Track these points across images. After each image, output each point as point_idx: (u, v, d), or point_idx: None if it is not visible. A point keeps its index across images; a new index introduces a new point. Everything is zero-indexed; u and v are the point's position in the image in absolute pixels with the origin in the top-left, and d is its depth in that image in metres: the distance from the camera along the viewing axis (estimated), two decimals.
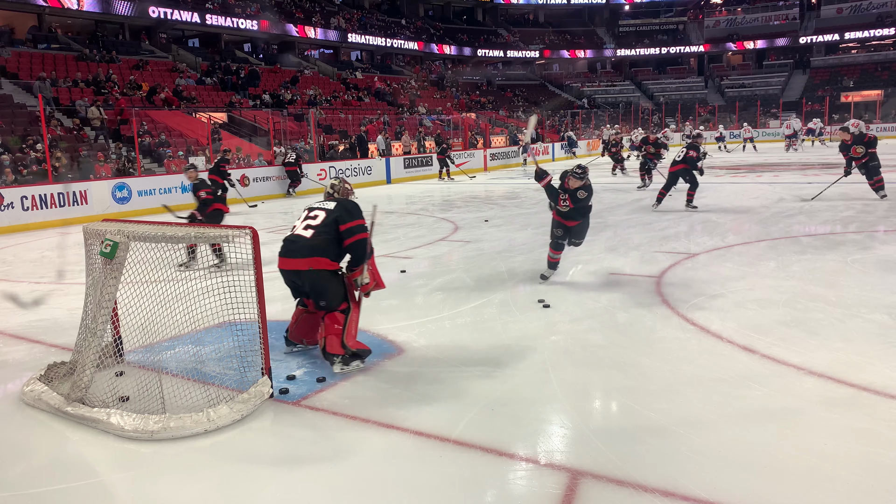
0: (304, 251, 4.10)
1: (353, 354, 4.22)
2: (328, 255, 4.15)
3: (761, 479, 2.82)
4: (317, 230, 4.16)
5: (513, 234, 9.67)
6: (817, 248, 7.63)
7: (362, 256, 4.18)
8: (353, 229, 4.17)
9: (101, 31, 27.86)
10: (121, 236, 3.89)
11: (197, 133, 20.08)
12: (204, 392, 3.80)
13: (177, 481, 3.05)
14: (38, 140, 15.61)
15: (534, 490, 2.83)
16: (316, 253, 4.12)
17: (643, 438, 3.23)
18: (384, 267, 7.62)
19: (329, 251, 4.16)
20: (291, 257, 4.13)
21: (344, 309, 4.22)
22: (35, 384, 4.00)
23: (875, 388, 3.69)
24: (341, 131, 24.62)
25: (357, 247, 4.18)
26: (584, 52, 52.40)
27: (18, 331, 5.52)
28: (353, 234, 4.17)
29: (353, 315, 4.27)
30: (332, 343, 4.17)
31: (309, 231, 4.18)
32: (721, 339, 4.63)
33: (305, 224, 4.24)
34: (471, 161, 24.63)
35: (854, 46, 48.05)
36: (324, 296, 4.17)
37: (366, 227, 4.24)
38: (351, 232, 4.17)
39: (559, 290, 6.15)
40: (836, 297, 5.50)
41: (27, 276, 7.91)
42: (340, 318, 4.19)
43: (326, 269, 4.16)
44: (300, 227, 4.25)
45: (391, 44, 40.83)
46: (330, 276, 4.20)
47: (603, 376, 4.09)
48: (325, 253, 4.14)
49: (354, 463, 3.14)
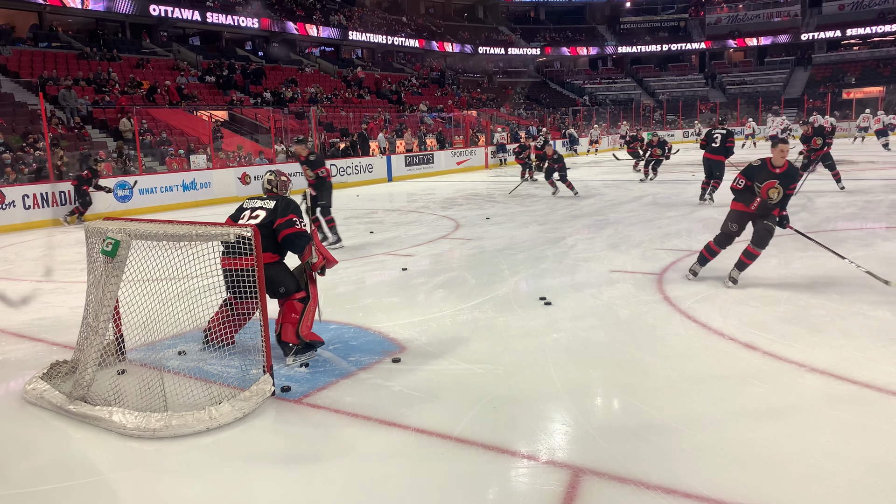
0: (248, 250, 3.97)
1: (306, 346, 4.39)
2: (270, 249, 4.31)
3: (763, 477, 2.82)
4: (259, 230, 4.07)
5: (514, 231, 9.66)
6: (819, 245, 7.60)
7: (301, 246, 4.35)
8: (278, 227, 4.34)
9: (101, 30, 27.85)
10: (122, 235, 3.89)
11: (198, 131, 20.08)
12: (206, 390, 3.81)
13: (179, 479, 3.05)
14: (38, 139, 15.61)
15: (536, 487, 2.83)
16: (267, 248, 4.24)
17: (645, 436, 3.22)
18: (385, 265, 7.64)
19: (270, 247, 4.32)
20: (237, 256, 4.09)
21: (302, 298, 4.36)
22: (37, 382, 4.00)
23: (877, 384, 3.69)
24: (342, 129, 24.62)
25: (287, 241, 4.36)
26: (585, 50, 52.35)
27: (20, 329, 5.53)
28: (280, 231, 4.34)
29: (310, 306, 4.40)
30: (288, 331, 4.32)
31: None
32: (723, 336, 4.62)
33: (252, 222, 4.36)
34: (472, 159, 24.64)
35: (856, 43, 47.95)
36: (280, 283, 4.31)
37: (293, 222, 4.38)
38: (277, 230, 4.34)
39: (560, 288, 6.15)
40: (838, 294, 5.49)
41: (29, 275, 7.91)
42: (298, 307, 4.34)
43: (271, 261, 4.32)
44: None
45: (392, 41, 40.81)
46: (277, 265, 4.38)
47: (604, 373, 4.09)
48: (268, 248, 4.26)
49: (356, 461, 3.14)
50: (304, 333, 4.35)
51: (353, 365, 4.32)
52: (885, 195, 11.42)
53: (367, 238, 9.63)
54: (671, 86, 50.22)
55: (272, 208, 4.44)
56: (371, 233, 10.12)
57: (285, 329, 4.32)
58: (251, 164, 17.84)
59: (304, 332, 4.35)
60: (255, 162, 18.55)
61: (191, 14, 29.66)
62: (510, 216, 11.36)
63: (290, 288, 4.34)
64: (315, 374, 4.19)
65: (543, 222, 10.45)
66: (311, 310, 4.40)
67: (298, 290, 4.36)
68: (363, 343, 4.78)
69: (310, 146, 7.73)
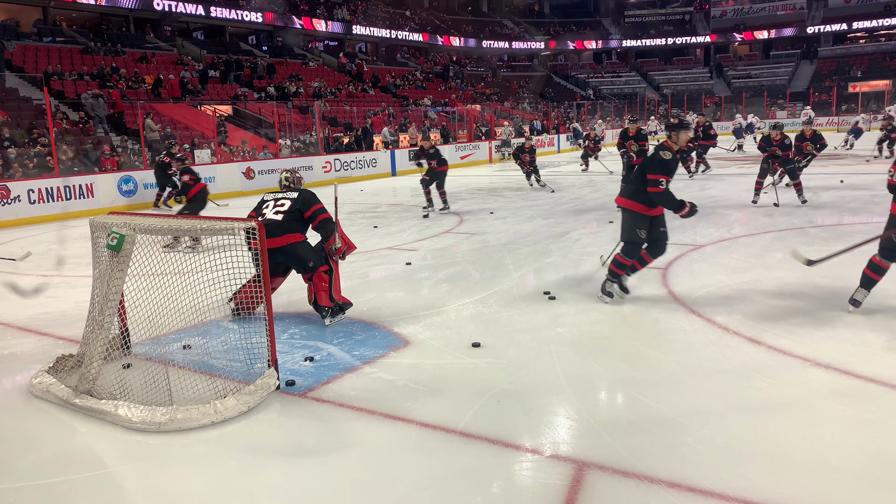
0: (279, 231, 4.97)
1: (339, 307, 5.19)
2: (297, 231, 5.15)
3: (767, 471, 2.82)
4: (286, 215, 5.10)
5: (518, 225, 9.65)
6: (824, 239, 7.60)
7: (330, 232, 5.16)
8: (314, 213, 5.17)
9: (105, 24, 27.85)
10: (127, 229, 3.89)
11: (202, 126, 20.09)
12: (211, 384, 3.82)
13: (184, 473, 3.06)
14: (42, 133, 15.64)
15: (540, 481, 2.84)
16: (290, 230, 5.07)
17: (649, 430, 3.23)
18: (389, 259, 7.64)
19: (297, 228, 5.14)
20: (270, 238, 4.70)
21: (326, 270, 5.08)
22: (43, 376, 4.02)
23: (881, 379, 3.68)
24: (346, 123, 24.59)
25: (322, 226, 5.16)
26: (589, 43, 52.15)
27: (27, 323, 5.55)
28: (316, 216, 5.17)
29: (335, 275, 5.17)
30: (322, 297, 5.07)
31: (280, 216, 5.10)
32: (727, 330, 4.62)
33: (275, 211, 5.14)
34: (476, 153, 24.59)
35: (862, 36, 47.64)
36: (308, 259, 5.06)
37: (324, 209, 5.22)
38: (314, 216, 5.17)
39: (564, 282, 6.15)
40: (843, 289, 5.47)
41: (34, 270, 7.94)
42: (325, 277, 5.08)
43: (299, 241, 5.12)
44: (271, 214, 5.12)
45: (396, 35, 40.71)
46: (304, 244, 5.15)
47: (609, 368, 4.09)
48: (295, 230, 5.13)
49: (361, 454, 3.15)
50: (336, 297, 5.16)
51: (357, 359, 4.33)
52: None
53: (371, 232, 9.63)
54: (676, 79, 49.99)
55: (296, 198, 5.20)
56: (375, 227, 10.13)
57: (320, 296, 5.06)
58: (255, 159, 17.85)
59: (337, 295, 5.18)
60: (259, 156, 18.55)
61: (195, 8, 29.62)
62: (514, 210, 11.35)
63: (318, 262, 5.06)
64: (319, 369, 4.20)
65: (548, 216, 10.43)
66: (336, 277, 5.17)
67: (323, 263, 5.08)
68: (367, 337, 4.79)
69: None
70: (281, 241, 4.94)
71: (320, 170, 18.32)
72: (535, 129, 30.76)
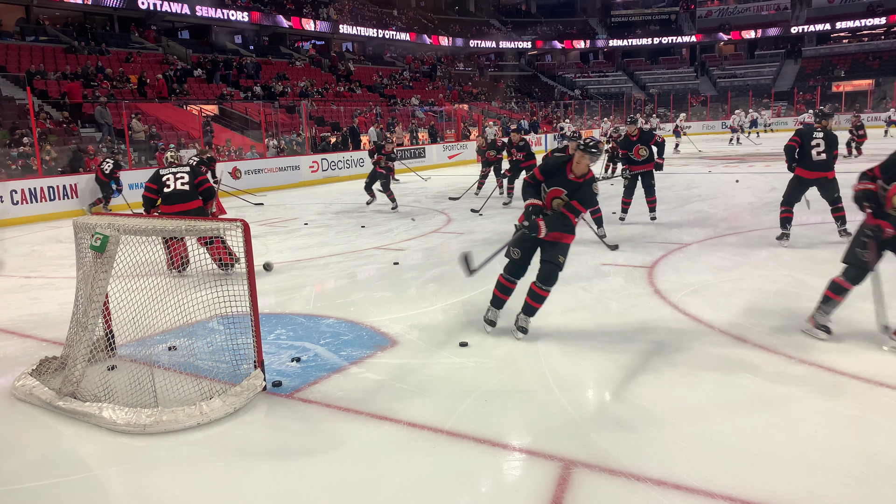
0: (188, 198, 6.93)
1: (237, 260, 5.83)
2: (197, 197, 6.99)
3: (753, 467, 2.84)
4: (189, 185, 6.95)
5: (506, 225, 9.66)
6: (809, 237, 7.66)
7: (210, 196, 7.17)
8: (201, 182, 7.08)
9: (89, 23, 27.56)
10: (111, 230, 3.86)
11: (188, 126, 19.97)
12: (196, 385, 3.79)
13: (170, 475, 3.04)
14: (25, 133, 15.47)
15: (527, 480, 2.84)
16: (194, 197, 6.98)
17: (635, 428, 3.24)
18: (376, 259, 7.63)
19: (197, 195, 7.00)
20: (181, 203, 6.88)
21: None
22: (26, 379, 3.98)
23: (865, 375, 3.72)
24: (333, 123, 24.52)
25: (207, 191, 7.10)
26: (577, 43, 52.31)
27: (9, 325, 5.49)
28: (202, 184, 7.07)
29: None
30: (224, 255, 6.13)
31: (186, 186, 6.94)
32: (713, 328, 4.65)
33: (180, 183, 6.93)
34: (463, 153, 24.60)
35: (845, 36, 48.13)
36: None
37: (208, 178, 7.31)
38: (201, 184, 7.06)
39: None
40: None
41: (17, 271, 7.86)
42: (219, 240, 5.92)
43: (200, 205, 7.01)
44: (179, 186, 6.91)
45: (383, 35, 40.64)
46: (202, 208, 7.05)
47: (595, 366, 4.10)
48: (196, 196, 6.99)
49: (348, 455, 3.14)
50: (235, 254, 5.76)
51: (344, 359, 4.32)
52: None
53: (359, 232, 9.61)
54: (662, 79, 50.28)
55: (190, 171, 7.08)
56: (362, 227, 10.10)
57: (223, 255, 6.13)
58: (242, 159, 17.75)
59: (235, 253, 5.61)
60: (245, 156, 18.45)
61: (180, 7, 29.40)
62: (501, 210, 11.36)
63: None
64: (306, 369, 4.18)
65: None
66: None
67: None
68: (354, 337, 4.78)
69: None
70: (191, 206, 6.90)
71: (307, 170, 18.24)
72: (523, 129, 30.81)
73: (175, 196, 6.90)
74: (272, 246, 8.78)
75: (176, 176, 6.95)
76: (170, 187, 6.89)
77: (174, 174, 6.97)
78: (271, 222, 11.16)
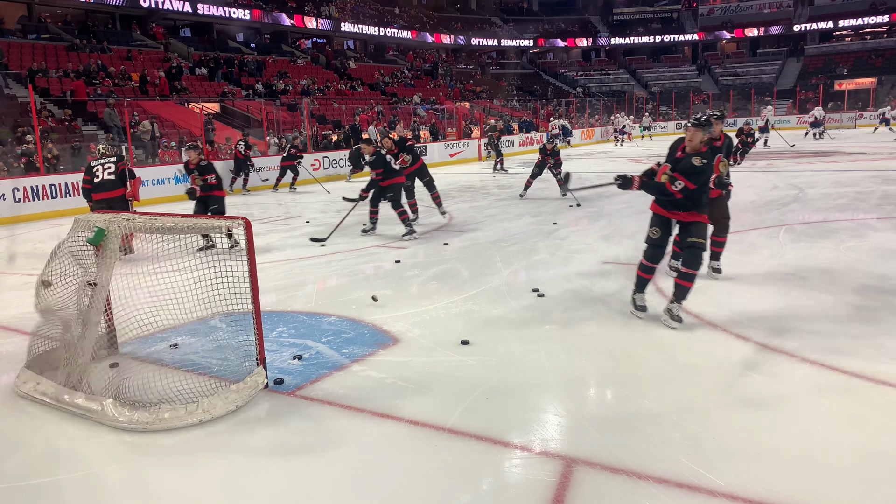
0: (114, 186, 7.84)
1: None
2: (123, 185, 7.94)
3: (755, 466, 2.84)
4: (115, 175, 7.85)
5: (507, 223, 9.66)
6: (811, 235, 7.66)
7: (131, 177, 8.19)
8: (125, 170, 7.98)
9: (91, 21, 27.58)
10: (112, 227, 3.86)
11: (190, 123, 19.96)
12: (198, 382, 3.80)
13: (171, 472, 3.04)
14: (27, 131, 15.48)
15: (529, 478, 2.84)
16: (119, 185, 7.89)
17: (637, 426, 3.24)
18: (378, 257, 7.63)
19: (122, 184, 7.92)
20: (108, 191, 7.81)
21: None
22: (29, 376, 3.98)
23: (867, 374, 3.72)
24: (335, 121, 24.51)
25: (131, 175, 8.12)
26: (579, 41, 52.23)
27: (12, 323, 5.50)
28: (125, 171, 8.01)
29: None
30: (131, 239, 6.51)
31: (113, 175, 7.85)
32: (715, 326, 4.64)
33: (108, 172, 7.84)
34: (465, 151, 24.58)
35: (848, 34, 48.01)
36: (126, 207, 7.84)
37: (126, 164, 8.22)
38: (125, 171, 7.97)
39: (553, 280, 6.16)
40: (830, 285, 5.52)
41: (20, 269, 7.87)
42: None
43: (123, 192, 7.93)
44: (105, 175, 7.84)
45: (384, 33, 40.60)
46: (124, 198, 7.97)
47: (597, 364, 4.10)
48: (122, 185, 7.92)
49: (349, 452, 3.14)
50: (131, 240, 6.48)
51: (346, 357, 4.32)
52: (877, 186, 11.47)
53: (360, 230, 9.60)
54: (664, 77, 50.18)
55: (115, 161, 7.97)
56: (364, 225, 10.08)
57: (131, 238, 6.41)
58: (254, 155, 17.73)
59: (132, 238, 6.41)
60: (257, 153, 18.44)
61: (182, 5, 29.39)
62: (503, 208, 11.36)
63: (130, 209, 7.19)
64: (308, 367, 4.19)
65: (536, 214, 10.45)
66: None
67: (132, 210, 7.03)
68: (356, 335, 4.78)
69: (200, 152, 8.43)
70: (116, 193, 7.82)
71: (309, 167, 18.22)
72: (525, 127, 30.78)
73: (103, 185, 7.82)
74: (274, 244, 8.78)
75: (104, 166, 7.88)
76: (99, 177, 7.84)
77: (102, 165, 7.88)
78: (272, 220, 11.17)
